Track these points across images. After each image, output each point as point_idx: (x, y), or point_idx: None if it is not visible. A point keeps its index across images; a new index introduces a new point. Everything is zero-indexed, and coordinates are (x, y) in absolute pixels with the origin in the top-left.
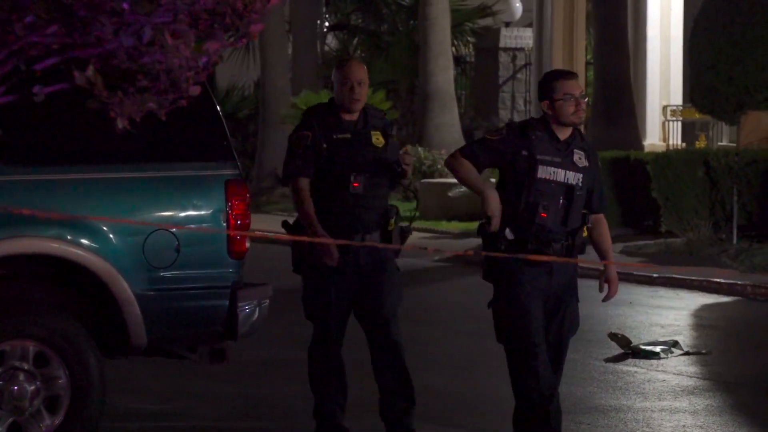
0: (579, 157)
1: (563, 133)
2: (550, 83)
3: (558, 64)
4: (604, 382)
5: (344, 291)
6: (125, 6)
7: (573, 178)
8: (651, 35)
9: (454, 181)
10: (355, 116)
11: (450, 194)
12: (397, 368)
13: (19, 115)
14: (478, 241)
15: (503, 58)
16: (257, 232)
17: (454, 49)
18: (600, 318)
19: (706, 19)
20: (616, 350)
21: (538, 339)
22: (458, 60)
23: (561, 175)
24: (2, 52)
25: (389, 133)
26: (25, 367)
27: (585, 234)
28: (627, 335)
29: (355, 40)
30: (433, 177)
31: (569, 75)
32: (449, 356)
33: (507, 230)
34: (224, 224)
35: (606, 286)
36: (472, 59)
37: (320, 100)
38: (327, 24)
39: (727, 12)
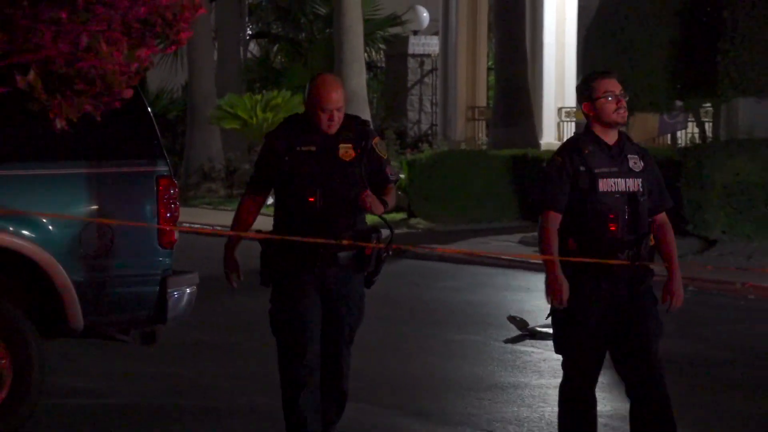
0: (634, 162)
1: (610, 138)
2: (589, 84)
3: (462, 69)
4: (503, 361)
5: (310, 309)
6: (63, 15)
7: (633, 184)
8: (547, 42)
9: None
10: None
11: None
12: (337, 391)
13: None
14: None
15: (411, 63)
16: (185, 225)
17: (366, 55)
18: (499, 303)
19: (598, 29)
20: (515, 332)
21: (593, 347)
22: (370, 65)
23: (621, 184)
24: None
25: (365, 143)
26: None
27: (652, 242)
28: (524, 318)
29: (276, 47)
30: None
31: (608, 74)
32: (365, 339)
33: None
34: (155, 217)
35: (669, 298)
36: (383, 65)
37: (243, 102)
38: (249, 32)
39: (616, 22)
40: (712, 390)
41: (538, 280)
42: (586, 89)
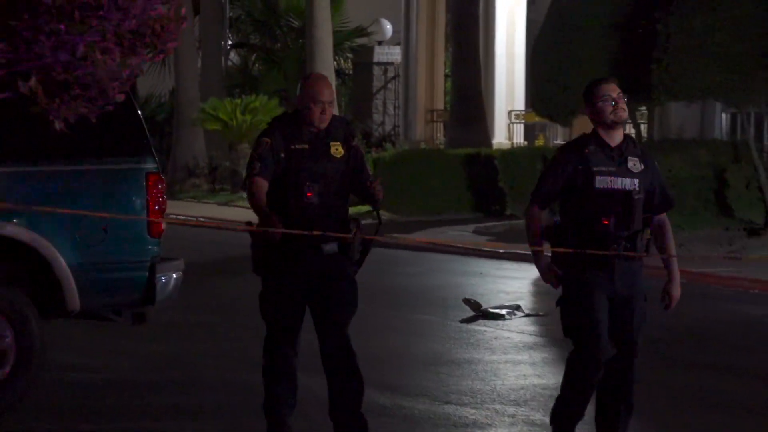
0: (633, 164)
1: (613, 139)
2: (590, 89)
3: (422, 76)
4: (458, 339)
5: (298, 296)
6: (62, 27)
7: (630, 183)
8: (498, 53)
9: None
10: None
11: None
12: (349, 371)
13: None
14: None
15: (376, 71)
16: (172, 217)
17: (335, 63)
18: (455, 286)
19: (544, 40)
20: (469, 313)
21: (601, 331)
22: (339, 73)
23: (618, 182)
24: None
25: (351, 142)
26: None
27: (648, 236)
28: (478, 300)
29: (254, 56)
30: None
31: (605, 80)
32: None
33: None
34: (144, 209)
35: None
36: (351, 72)
37: (224, 106)
38: (230, 42)
39: (561, 35)
40: (651, 366)
41: (491, 266)
42: (587, 95)
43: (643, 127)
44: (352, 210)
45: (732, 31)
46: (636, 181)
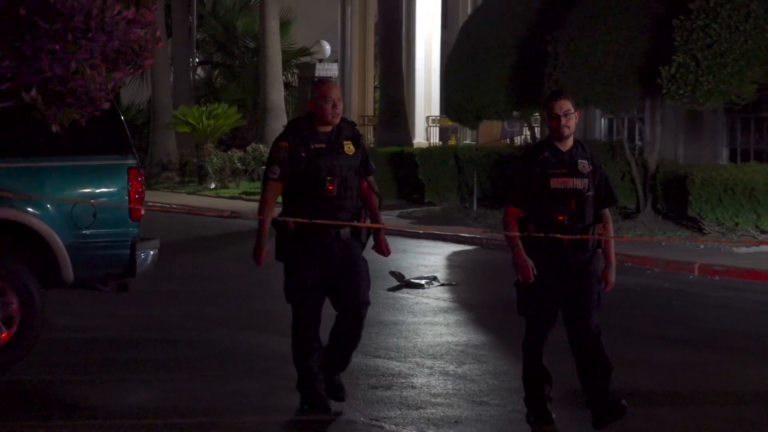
0: (583, 165)
1: (564, 146)
2: (545, 104)
3: (355, 87)
4: (386, 305)
5: (319, 279)
6: (57, 47)
7: (580, 183)
8: (418, 68)
9: None
10: (329, 128)
11: None
12: (357, 338)
13: None
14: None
15: None
16: (149, 204)
17: (284, 77)
18: (383, 261)
19: (456, 58)
20: (394, 283)
21: (544, 311)
22: (287, 85)
23: (570, 182)
24: None
25: (359, 142)
26: None
27: (601, 230)
28: (402, 272)
29: (216, 72)
30: None
31: (557, 97)
32: (278, 287)
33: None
34: (127, 198)
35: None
36: (297, 84)
37: (192, 112)
38: (197, 60)
39: (469, 53)
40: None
41: (412, 244)
42: (543, 107)
43: (537, 130)
44: None
45: (609, 51)
46: (586, 180)
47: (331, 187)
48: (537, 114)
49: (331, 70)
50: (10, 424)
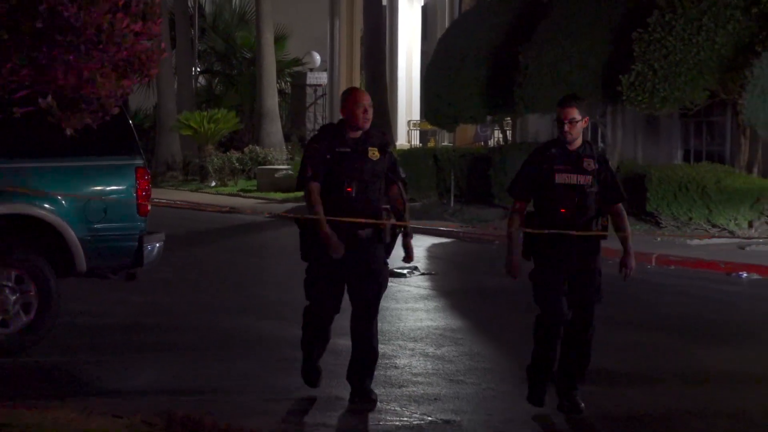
0: (588, 163)
1: (572, 145)
2: (557, 107)
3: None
4: None
5: (338, 279)
6: (71, 57)
7: (583, 179)
8: (400, 76)
9: (281, 166)
10: (358, 134)
11: (276, 175)
12: (371, 337)
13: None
14: (294, 204)
15: (308, 91)
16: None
17: (278, 85)
18: None
19: (435, 67)
20: None
21: (557, 297)
22: (281, 92)
23: (574, 178)
24: None
25: (386, 148)
26: (10, 285)
27: (606, 222)
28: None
29: (216, 80)
30: (266, 165)
31: (565, 104)
32: (274, 275)
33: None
34: (135, 195)
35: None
36: (289, 92)
37: (195, 117)
38: (198, 69)
39: (447, 63)
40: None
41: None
42: (556, 113)
43: (508, 133)
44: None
45: (573, 62)
46: (589, 177)
47: (349, 189)
48: (509, 119)
49: (321, 78)
50: (29, 401)
